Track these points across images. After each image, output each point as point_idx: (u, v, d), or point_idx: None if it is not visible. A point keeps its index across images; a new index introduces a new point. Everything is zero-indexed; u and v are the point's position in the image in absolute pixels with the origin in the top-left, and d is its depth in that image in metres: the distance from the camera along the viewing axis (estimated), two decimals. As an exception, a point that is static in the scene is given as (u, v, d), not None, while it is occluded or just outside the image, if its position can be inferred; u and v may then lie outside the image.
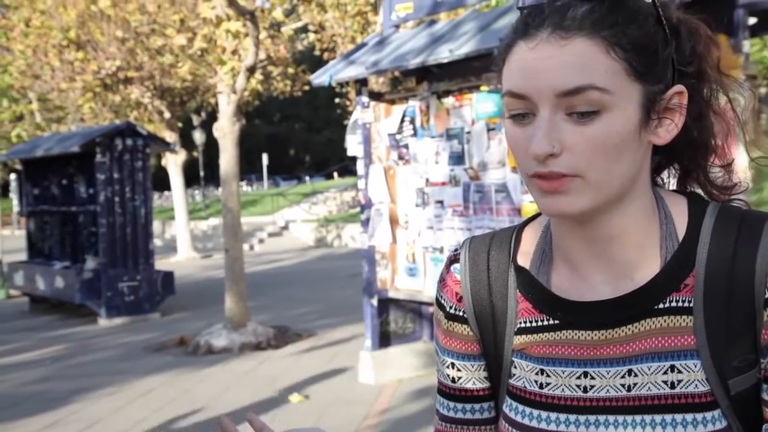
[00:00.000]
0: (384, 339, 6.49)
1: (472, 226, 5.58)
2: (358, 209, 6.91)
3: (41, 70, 16.75)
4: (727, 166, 0.98)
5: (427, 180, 5.92)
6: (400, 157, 6.14)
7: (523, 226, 1.02)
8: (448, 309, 1.02)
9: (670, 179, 1.01)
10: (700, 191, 0.99)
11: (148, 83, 17.20)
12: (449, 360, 1.03)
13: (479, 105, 5.50)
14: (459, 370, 1.02)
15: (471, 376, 1.02)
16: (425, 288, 6.00)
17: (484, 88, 5.45)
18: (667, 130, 0.89)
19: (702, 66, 0.93)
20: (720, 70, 0.94)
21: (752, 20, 5.26)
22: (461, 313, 1.01)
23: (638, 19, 0.86)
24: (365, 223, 6.38)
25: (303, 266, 16.77)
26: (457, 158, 5.66)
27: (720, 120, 0.95)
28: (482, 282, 1.00)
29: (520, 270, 0.98)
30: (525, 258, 0.99)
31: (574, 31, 0.83)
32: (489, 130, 5.44)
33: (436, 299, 1.05)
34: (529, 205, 5.17)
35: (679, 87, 0.89)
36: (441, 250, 5.84)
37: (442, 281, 1.04)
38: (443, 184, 5.80)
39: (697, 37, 0.92)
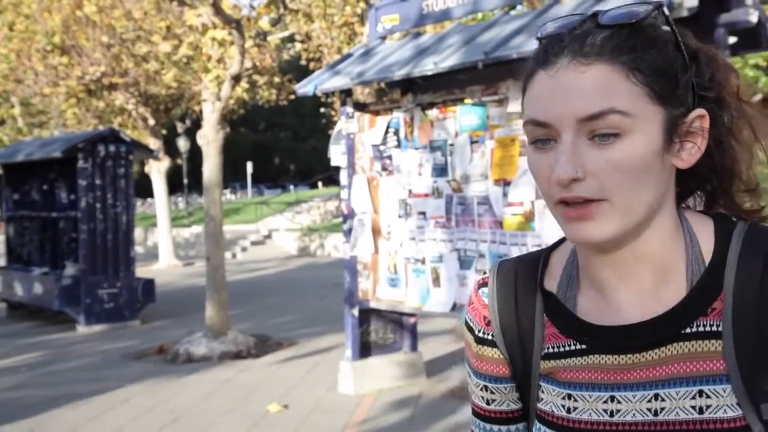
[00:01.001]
0: (364, 349, 6.48)
1: (453, 238, 5.60)
2: (341, 219, 6.91)
3: (24, 75, 16.66)
4: (753, 191, 0.98)
5: (410, 191, 5.93)
6: (384, 168, 6.15)
7: (551, 250, 1.03)
8: (477, 332, 1.03)
9: (696, 204, 1.01)
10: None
11: (132, 90, 17.15)
12: (482, 383, 1.04)
13: (463, 117, 5.52)
14: (492, 392, 1.03)
15: (505, 399, 1.03)
16: (406, 299, 6.00)
17: (468, 100, 5.47)
18: (690, 153, 0.90)
19: (721, 93, 0.94)
20: (740, 98, 0.95)
21: (732, 39, 5.34)
22: (490, 337, 1.02)
23: (657, 44, 0.88)
24: (348, 233, 6.38)
25: (285, 275, 16.72)
26: (440, 170, 5.68)
27: (743, 146, 0.95)
28: (510, 306, 1.01)
29: (547, 295, 0.98)
30: (552, 282, 0.99)
31: (594, 57, 0.85)
32: (472, 142, 5.46)
33: (465, 322, 1.06)
34: (510, 217, 5.19)
35: (700, 111, 0.90)
36: (423, 261, 5.85)
37: (471, 304, 1.05)
38: (426, 195, 5.82)
39: (716, 65, 0.94)
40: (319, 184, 39.46)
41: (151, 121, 18.22)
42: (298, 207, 28.42)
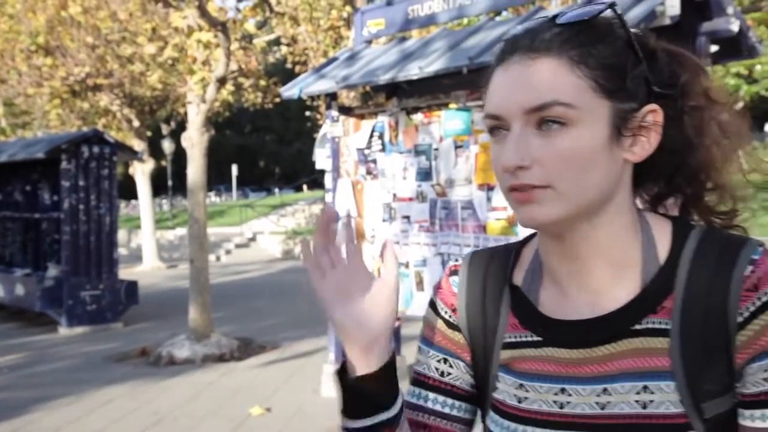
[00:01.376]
0: (348, 353, 6.48)
1: (437, 242, 5.62)
2: (325, 222, 6.84)
3: (8, 75, 16.54)
4: (724, 193, 0.99)
5: (395, 195, 5.95)
6: (368, 172, 6.17)
7: (523, 244, 1.05)
8: (443, 314, 1.06)
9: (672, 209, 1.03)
10: (696, 217, 1.01)
11: (117, 91, 17.07)
12: (442, 356, 1.05)
13: (447, 122, 5.55)
14: (451, 366, 1.05)
15: (461, 376, 1.05)
16: (390, 303, 6.01)
17: (452, 105, 5.50)
18: (642, 148, 0.92)
19: (688, 93, 0.95)
20: (710, 97, 0.96)
21: (714, 48, 5.40)
22: (455, 322, 1.05)
23: (606, 39, 0.90)
24: (332, 236, 6.38)
25: (269, 278, 16.69)
26: (425, 174, 5.70)
27: (714, 146, 0.97)
28: (478, 297, 1.03)
29: (513, 287, 1.01)
30: (519, 275, 1.02)
31: (543, 52, 0.88)
32: (456, 147, 5.49)
33: (431, 302, 1.08)
34: (494, 222, 5.22)
35: (652, 106, 0.92)
36: (406, 265, 5.87)
37: (440, 289, 1.07)
38: (410, 199, 5.84)
39: (682, 65, 0.96)
40: (304, 187, 39.42)
41: (136, 123, 18.14)
42: (283, 210, 28.38)
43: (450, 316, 1.05)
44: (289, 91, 6.62)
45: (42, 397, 6.68)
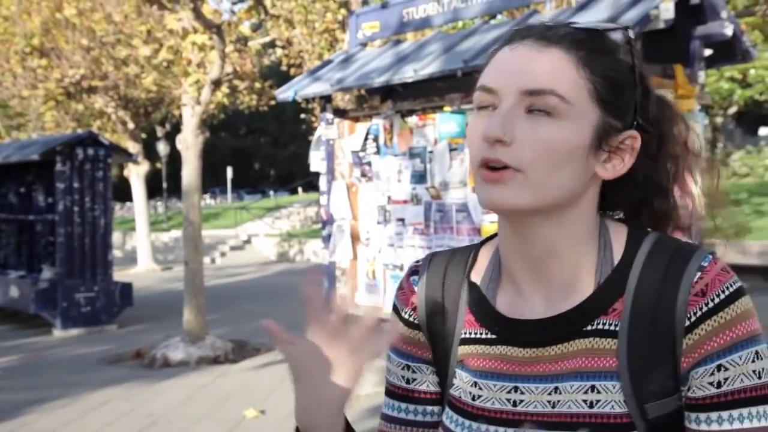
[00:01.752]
0: (342, 355, 6.48)
1: (432, 245, 5.63)
2: (320, 225, 6.92)
3: (2, 77, 16.51)
4: (682, 234, 1.02)
5: (389, 198, 5.96)
6: (363, 174, 6.18)
7: (482, 244, 1.07)
8: (403, 315, 1.07)
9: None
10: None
11: (112, 93, 17.05)
12: (404, 362, 1.06)
13: (442, 125, 5.56)
14: (414, 371, 1.06)
15: (425, 379, 1.05)
16: (385, 305, 6.02)
17: (447, 108, 5.52)
18: (614, 167, 0.94)
19: (668, 139, 0.99)
20: (687, 147, 1.00)
21: (708, 52, 5.42)
22: (416, 321, 1.05)
23: (614, 56, 0.93)
24: (327, 239, 6.40)
25: (264, 280, 16.67)
26: (419, 177, 5.72)
27: (680, 192, 1.01)
28: (437, 295, 1.04)
29: (472, 285, 1.02)
30: (478, 275, 1.03)
31: (555, 43, 0.91)
32: (451, 150, 5.50)
33: (393, 305, 1.09)
34: (489, 225, 5.23)
35: (634, 132, 0.94)
36: (401, 268, 5.88)
37: (400, 289, 1.09)
38: (405, 202, 5.85)
39: (666, 113, 0.99)
40: (299, 189, 39.41)
41: (131, 125, 18.12)
42: (278, 212, 28.35)
43: (410, 315, 1.06)
44: (284, 93, 6.63)
45: (36, 399, 6.66)
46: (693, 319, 0.88)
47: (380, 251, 6.04)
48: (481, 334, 0.99)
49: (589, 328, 0.93)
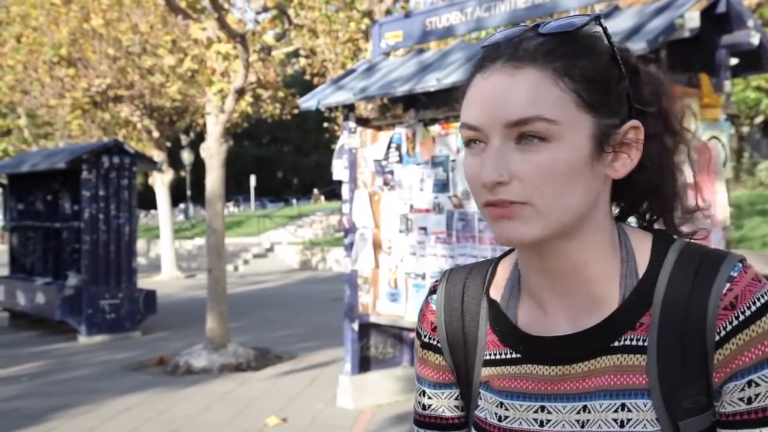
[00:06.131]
0: (364, 363, 6.48)
1: (454, 254, 5.62)
2: (342, 233, 6.93)
3: (31, 86, 16.74)
4: (689, 215, 0.98)
5: (411, 206, 5.96)
6: (385, 183, 6.19)
7: (500, 260, 1.04)
8: (423, 338, 1.05)
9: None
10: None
11: (137, 102, 17.23)
12: (422, 388, 1.05)
13: (464, 134, 5.55)
14: (430, 397, 1.04)
15: (441, 404, 1.03)
16: (406, 313, 6.02)
17: (469, 117, 5.50)
18: (624, 164, 0.90)
19: (666, 115, 0.94)
20: (682, 126, 0.96)
21: (734, 61, 5.37)
22: (435, 343, 1.03)
23: (591, 54, 0.88)
24: (349, 247, 6.41)
25: (286, 288, 16.72)
26: (442, 186, 5.71)
27: (683, 169, 0.96)
28: (456, 313, 1.02)
29: (491, 303, 0.99)
30: (497, 291, 1.00)
31: (526, 62, 0.86)
32: (473, 158, 5.48)
33: (416, 330, 1.07)
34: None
35: (634, 122, 0.90)
36: (423, 277, 5.87)
37: (421, 311, 1.06)
38: (427, 211, 5.84)
39: (660, 88, 0.94)
40: (321, 198, 39.51)
41: (156, 134, 18.30)
42: (300, 221, 28.46)
43: (430, 338, 1.04)
44: (307, 102, 6.65)
45: (60, 405, 6.73)
46: (723, 333, 0.85)
47: (402, 260, 6.04)
48: (505, 354, 0.97)
49: (616, 344, 0.90)
